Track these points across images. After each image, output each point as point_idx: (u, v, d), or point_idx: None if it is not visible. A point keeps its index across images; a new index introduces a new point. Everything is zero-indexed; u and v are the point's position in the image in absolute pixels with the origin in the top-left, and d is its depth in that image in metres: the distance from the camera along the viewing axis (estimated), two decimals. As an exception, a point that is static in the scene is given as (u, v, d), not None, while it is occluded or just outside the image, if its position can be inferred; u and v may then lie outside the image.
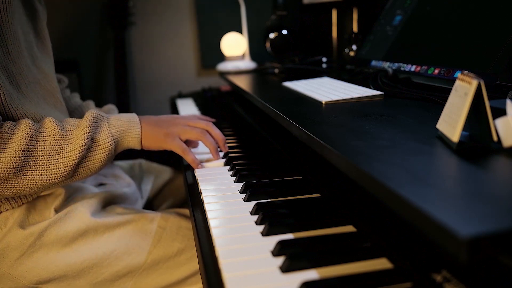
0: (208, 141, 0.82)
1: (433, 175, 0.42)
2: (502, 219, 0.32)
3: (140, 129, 0.78)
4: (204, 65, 2.00)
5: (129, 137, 0.77)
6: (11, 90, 0.72)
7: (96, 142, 0.72)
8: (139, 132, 0.77)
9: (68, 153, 0.69)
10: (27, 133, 0.66)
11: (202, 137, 0.81)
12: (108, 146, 0.73)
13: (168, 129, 0.80)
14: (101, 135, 0.73)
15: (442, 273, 0.39)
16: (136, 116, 0.80)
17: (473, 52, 0.76)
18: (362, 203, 0.58)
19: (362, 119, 0.66)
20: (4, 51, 0.72)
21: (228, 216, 0.60)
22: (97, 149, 0.72)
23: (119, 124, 0.76)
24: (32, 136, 0.66)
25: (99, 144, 0.72)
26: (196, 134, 0.81)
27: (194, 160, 0.80)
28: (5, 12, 0.73)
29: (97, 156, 0.72)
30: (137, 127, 0.78)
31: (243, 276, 0.45)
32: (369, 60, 1.09)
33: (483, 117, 0.46)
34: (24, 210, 0.75)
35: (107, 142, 0.73)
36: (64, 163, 0.69)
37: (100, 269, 0.76)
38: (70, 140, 0.70)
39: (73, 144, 0.69)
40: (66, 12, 1.83)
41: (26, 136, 0.66)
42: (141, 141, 0.78)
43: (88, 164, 0.72)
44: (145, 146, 0.79)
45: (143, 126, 0.78)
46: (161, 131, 0.79)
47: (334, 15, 1.68)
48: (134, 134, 0.77)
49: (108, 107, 1.08)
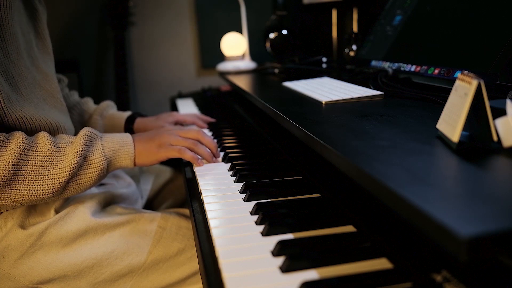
0: (201, 150, 0.82)
1: (433, 175, 0.42)
2: (502, 219, 0.32)
3: (134, 148, 0.78)
4: (204, 65, 2.00)
5: (122, 156, 0.77)
6: (10, 92, 0.72)
7: (88, 160, 0.72)
8: (132, 151, 0.78)
9: (59, 170, 0.68)
10: (19, 147, 0.65)
11: (194, 148, 0.81)
12: (100, 165, 0.73)
13: (161, 140, 0.80)
14: (94, 154, 0.72)
15: (442, 273, 0.39)
16: (129, 135, 0.80)
17: (473, 52, 0.76)
18: (362, 203, 0.58)
19: (362, 119, 0.66)
20: (3, 52, 0.72)
21: (228, 216, 0.60)
22: (89, 167, 0.72)
23: (112, 143, 0.76)
24: (24, 151, 0.66)
25: (91, 162, 0.72)
26: (188, 145, 0.81)
27: (193, 156, 0.80)
28: (5, 14, 0.72)
29: (88, 174, 0.72)
30: (131, 146, 0.78)
31: (243, 276, 0.45)
32: (369, 60, 1.09)
33: (483, 117, 0.46)
34: (24, 211, 0.75)
35: (99, 162, 0.72)
36: (53, 180, 0.68)
37: (100, 269, 0.76)
38: (62, 157, 0.69)
39: (65, 161, 0.69)
40: (66, 12, 1.83)
41: (18, 150, 0.65)
42: (134, 159, 0.78)
43: (78, 182, 0.72)
44: (138, 164, 0.79)
45: (136, 145, 0.79)
46: (153, 144, 0.80)
47: (334, 15, 1.68)
48: (127, 153, 0.77)
49: (107, 103, 1.08)
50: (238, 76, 1.44)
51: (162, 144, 0.80)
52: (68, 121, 0.87)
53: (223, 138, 1.01)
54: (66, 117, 0.88)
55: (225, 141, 0.98)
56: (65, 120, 0.85)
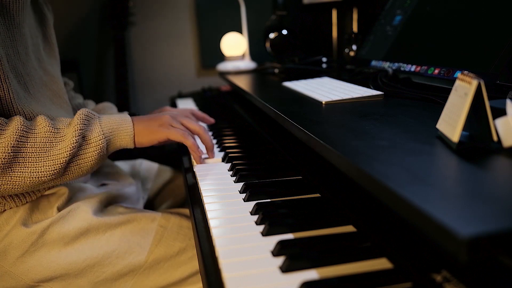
0: (205, 137, 0.82)
1: (433, 175, 0.42)
2: (502, 219, 0.32)
3: (132, 126, 0.77)
4: (204, 65, 2.00)
5: (121, 135, 0.76)
6: (19, 89, 0.73)
7: (87, 140, 0.71)
8: (131, 129, 0.77)
9: (59, 151, 0.68)
10: (17, 129, 0.65)
11: (199, 132, 0.81)
12: (100, 144, 0.72)
13: (162, 120, 0.79)
14: (93, 133, 0.72)
15: (442, 273, 0.39)
16: (127, 114, 0.80)
17: (473, 52, 0.76)
18: (362, 203, 0.58)
19: (362, 119, 0.66)
20: (14, 51, 0.73)
21: (228, 216, 0.60)
22: (88, 147, 0.71)
23: (110, 122, 0.75)
24: (23, 132, 0.66)
25: (90, 142, 0.72)
26: (193, 127, 0.81)
27: (194, 144, 0.80)
28: (18, 15, 0.74)
29: (88, 154, 0.72)
30: (129, 124, 0.77)
31: (243, 276, 0.45)
32: (369, 60, 1.09)
33: (483, 117, 0.46)
34: (27, 209, 0.75)
35: (99, 140, 0.72)
36: (54, 161, 0.68)
37: (102, 268, 0.76)
38: (61, 138, 0.69)
39: (64, 142, 0.69)
40: (66, 12, 1.83)
41: (16, 132, 0.65)
42: (134, 138, 0.77)
43: (79, 163, 0.71)
44: (138, 143, 0.78)
45: (135, 124, 0.78)
46: (155, 123, 0.79)
47: (334, 15, 1.68)
48: (126, 132, 0.76)
49: (103, 105, 1.08)
50: (238, 76, 1.44)
51: (163, 123, 0.79)
52: None
53: (223, 138, 1.01)
54: (72, 117, 0.88)
55: (225, 141, 0.99)
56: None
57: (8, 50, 0.72)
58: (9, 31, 0.73)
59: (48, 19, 0.89)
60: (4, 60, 0.70)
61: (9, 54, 0.72)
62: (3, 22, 0.72)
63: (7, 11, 0.73)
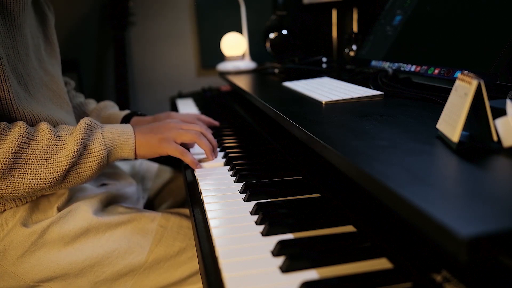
0: (203, 142, 0.82)
1: (433, 175, 0.42)
2: (502, 219, 0.32)
3: (134, 138, 0.78)
4: (204, 65, 2.00)
5: (123, 146, 0.76)
6: (19, 90, 0.73)
7: (88, 149, 0.72)
8: (132, 141, 0.77)
9: (59, 159, 0.69)
10: (20, 135, 0.66)
11: (197, 139, 0.81)
12: (100, 154, 0.73)
13: (163, 134, 0.80)
14: (94, 142, 0.72)
15: (442, 273, 0.39)
16: (130, 126, 0.80)
17: (473, 52, 0.76)
18: (362, 203, 0.58)
19: (362, 119, 0.66)
20: (14, 52, 0.73)
21: (228, 216, 0.60)
22: (89, 156, 0.72)
23: (112, 133, 0.76)
24: (25, 139, 0.66)
25: (91, 151, 0.72)
26: (191, 136, 0.81)
27: (193, 161, 0.80)
28: (19, 16, 0.75)
29: (88, 163, 0.72)
30: (131, 136, 0.78)
31: (243, 276, 0.45)
32: (369, 60, 1.09)
33: (483, 117, 0.46)
34: (27, 209, 0.75)
35: (100, 150, 0.72)
36: (54, 168, 0.68)
37: (102, 267, 0.76)
38: (63, 146, 0.70)
39: (65, 150, 0.69)
40: (66, 12, 1.83)
41: (18, 138, 0.65)
42: (135, 150, 0.78)
43: (78, 172, 0.72)
44: (139, 155, 0.79)
45: (136, 135, 0.78)
46: (155, 137, 0.79)
47: (334, 15, 1.68)
48: (128, 143, 0.77)
49: (105, 104, 1.08)
50: (238, 76, 1.44)
51: (164, 138, 0.79)
52: (73, 121, 0.88)
53: (223, 138, 1.01)
54: (72, 117, 0.89)
55: (225, 141, 0.99)
56: (70, 120, 0.86)
57: (9, 50, 0.72)
58: (9, 31, 0.73)
59: (49, 19, 0.90)
60: (5, 60, 0.70)
61: (10, 55, 0.72)
62: (4, 23, 0.72)
63: (8, 12, 0.73)
